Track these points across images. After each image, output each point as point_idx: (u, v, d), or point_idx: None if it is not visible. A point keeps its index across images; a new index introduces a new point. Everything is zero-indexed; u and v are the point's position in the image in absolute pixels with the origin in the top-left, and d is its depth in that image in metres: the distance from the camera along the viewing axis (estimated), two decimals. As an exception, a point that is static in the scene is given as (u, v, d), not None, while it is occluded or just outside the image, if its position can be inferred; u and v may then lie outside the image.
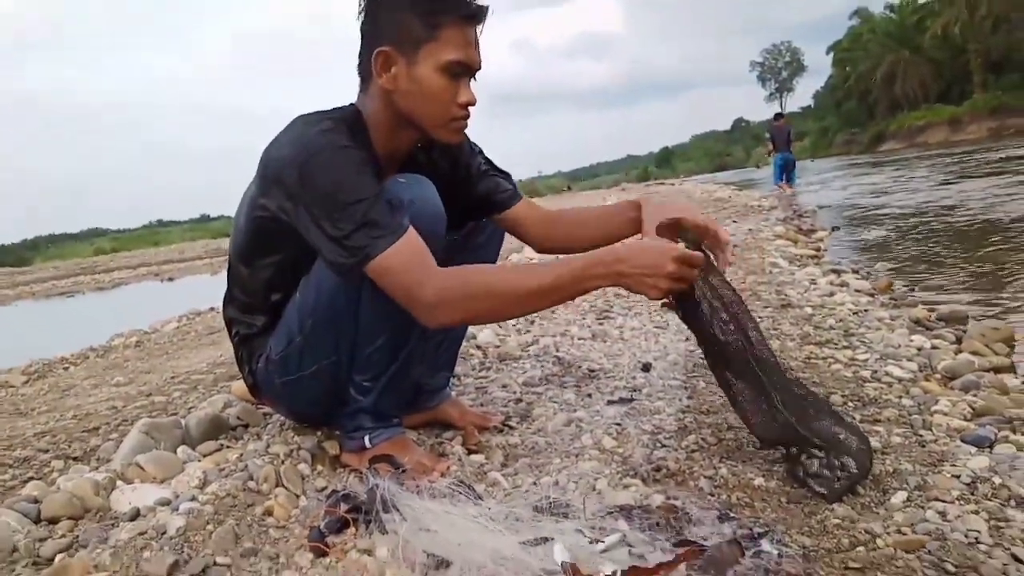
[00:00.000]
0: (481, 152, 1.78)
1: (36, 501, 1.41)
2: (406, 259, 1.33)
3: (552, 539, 1.17)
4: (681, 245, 1.40)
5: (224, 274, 1.69)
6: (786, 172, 14.75)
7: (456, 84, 1.43)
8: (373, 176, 1.38)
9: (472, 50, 1.43)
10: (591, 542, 1.18)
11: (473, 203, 1.75)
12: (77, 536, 1.30)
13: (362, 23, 1.46)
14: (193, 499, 1.39)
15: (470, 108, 1.48)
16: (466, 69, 1.44)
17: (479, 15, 1.43)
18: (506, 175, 1.79)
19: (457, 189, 1.69)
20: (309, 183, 1.34)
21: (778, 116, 16.40)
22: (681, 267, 1.33)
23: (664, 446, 1.62)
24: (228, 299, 1.68)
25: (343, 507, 1.34)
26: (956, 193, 9.59)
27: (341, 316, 1.48)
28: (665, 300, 1.43)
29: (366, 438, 1.58)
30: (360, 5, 1.46)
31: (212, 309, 6.30)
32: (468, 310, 1.37)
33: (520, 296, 1.35)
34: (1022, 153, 15.84)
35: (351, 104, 1.52)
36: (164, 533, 1.26)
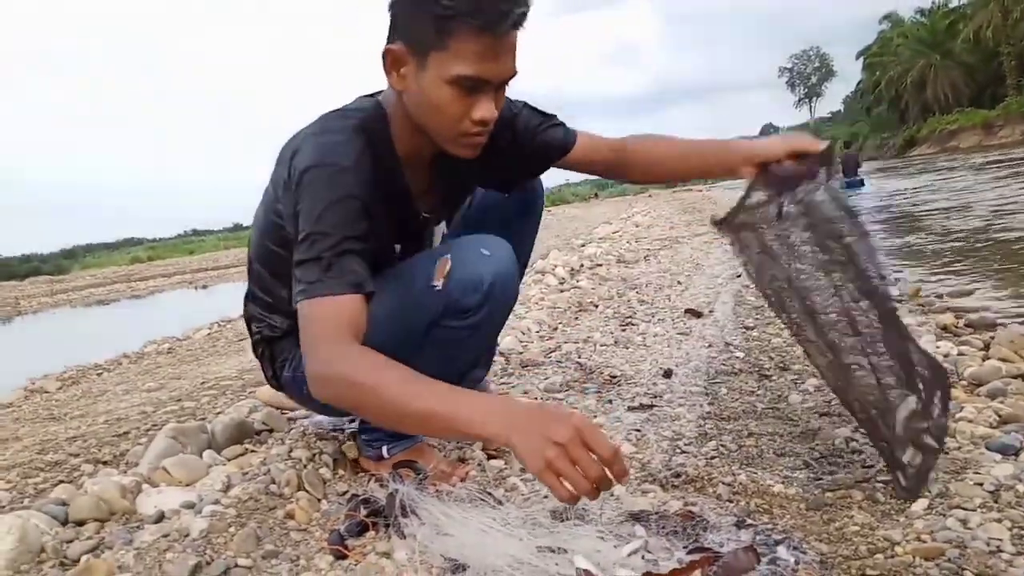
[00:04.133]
0: (525, 107, 1.62)
1: (64, 504, 1.44)
2: (324, 319, 1.20)
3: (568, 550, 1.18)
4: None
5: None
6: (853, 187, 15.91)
7: (470, 98, 1.26)
8: (359, 212, 1.27)
9: (492, 63, 1.24)
10: (614, 547, 1.19)
11: (534, 162, 1.66)
12: (103, 538, 1.33)
13: (388, 8, 1.31)
14: (216, 502, 1.41)
15: (489, 123, 1.32)
16: (481, 84, 1.26)
17: (501, 24, 1.21)
18: (552, 118, 1.64)
19: (512, 161, 1.61)
20: (300, 195, 1.28)
21: (847, 144, 21.74)
22: (569, 448, 1.02)
23: (683, 452, 1.62)
24: (249, 296, 1.66)
25: (363, 511, 1.36)
26: (990, 198, 9.43)
27: None
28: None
29: (384, 448, 1.59)
30: None
31: (243, 316, 6.38)
32: (342, 399, 1.23)
33: (398, 415, 1.17)
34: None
35: (377, 97, 1.42)
36: (187, 535, 1.29)
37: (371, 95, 1.45)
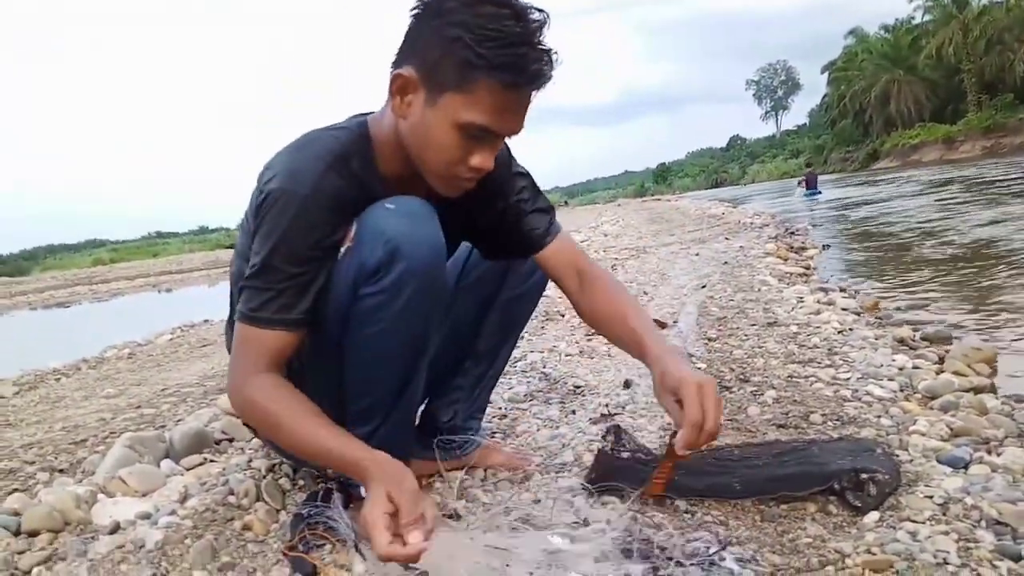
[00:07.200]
0: (524, 176, 1.54)
1: (17, 514, 1.41)
2: (249, 345, 1.25)
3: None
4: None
5: (222, 286, 1.66)
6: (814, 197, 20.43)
7: (471, 144, 1.22)
8: (312, 243, 1.24)
9: (506, 117, 1.21)
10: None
11: (508, 239, 1.54)
12: (56, 549, 1.31)
13: (408, 27, 1.24)
14: (173, 513, 1.40)
15: (484, 172, 1.27)
16: (489, 135, 1.22)
17: (531, 84, 1.19)
18: (543, 209, 1.54)
19: (489, 219, 1.51)
20: (262, 217, 1.24)
21: (808, 164, 30.43)
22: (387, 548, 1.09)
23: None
24: (230, 322, 1.46)
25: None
26: (949, 212, 9.65)
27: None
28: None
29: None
30: (413, 6, 1.22)
31: (206, 321, 6.31)
32: (249, 419, 1.42)
33: (297, 447, 1.28)
34: (1016, 173, 15.98)
35: (365, 118, 1.35)
36: (142, 547, 1.28)
37: (361, 115, 1.38)
